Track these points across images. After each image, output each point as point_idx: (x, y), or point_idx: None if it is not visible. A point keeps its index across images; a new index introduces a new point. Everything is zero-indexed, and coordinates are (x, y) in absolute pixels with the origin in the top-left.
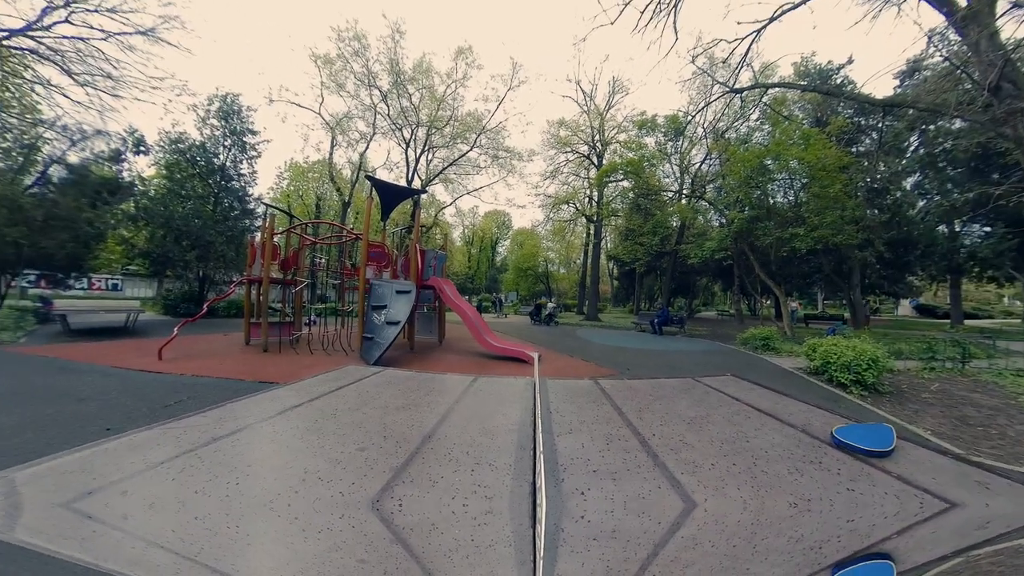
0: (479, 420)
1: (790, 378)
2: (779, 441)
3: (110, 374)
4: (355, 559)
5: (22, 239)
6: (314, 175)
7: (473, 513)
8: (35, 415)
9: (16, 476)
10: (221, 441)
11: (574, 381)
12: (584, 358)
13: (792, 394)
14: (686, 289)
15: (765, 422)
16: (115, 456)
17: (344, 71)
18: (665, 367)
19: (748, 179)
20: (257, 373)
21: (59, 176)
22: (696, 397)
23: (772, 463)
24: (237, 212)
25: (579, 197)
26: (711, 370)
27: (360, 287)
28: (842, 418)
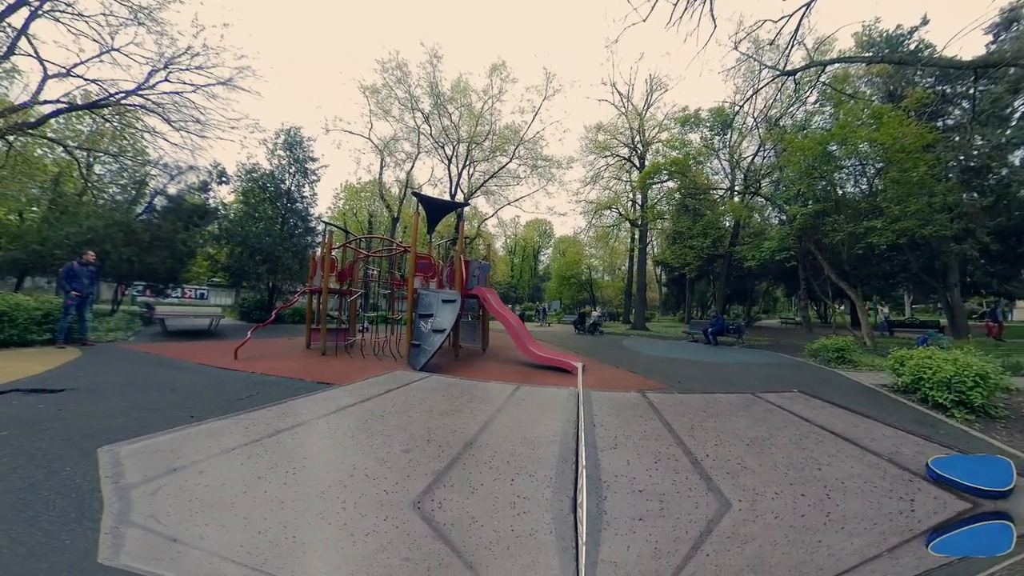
0: (520, 429)
1: (872, 397)
2: (859, 471)
3: (196, 370)
4: (400, 557)
5: (133, 256)
6: (366, 194)
7: (512, 526)
8: (138, 400)
9: (121, 450)
10: (282, 434)
11: (620, 393)
12: (631, 369)
13: (875, 416)
14: (743, 295)
15: (841, 447)
16: (196, 440)
17: (389, 98)
18: (721, 381)
19: (810, 169)
20: (315, 374)
21: (161, 205)
22: (757, 415)
23: (850, 497)
24: (300, 230)
25: (621, 201)
26: (774, 385)
27: (408, 296)
28: (941, 447)
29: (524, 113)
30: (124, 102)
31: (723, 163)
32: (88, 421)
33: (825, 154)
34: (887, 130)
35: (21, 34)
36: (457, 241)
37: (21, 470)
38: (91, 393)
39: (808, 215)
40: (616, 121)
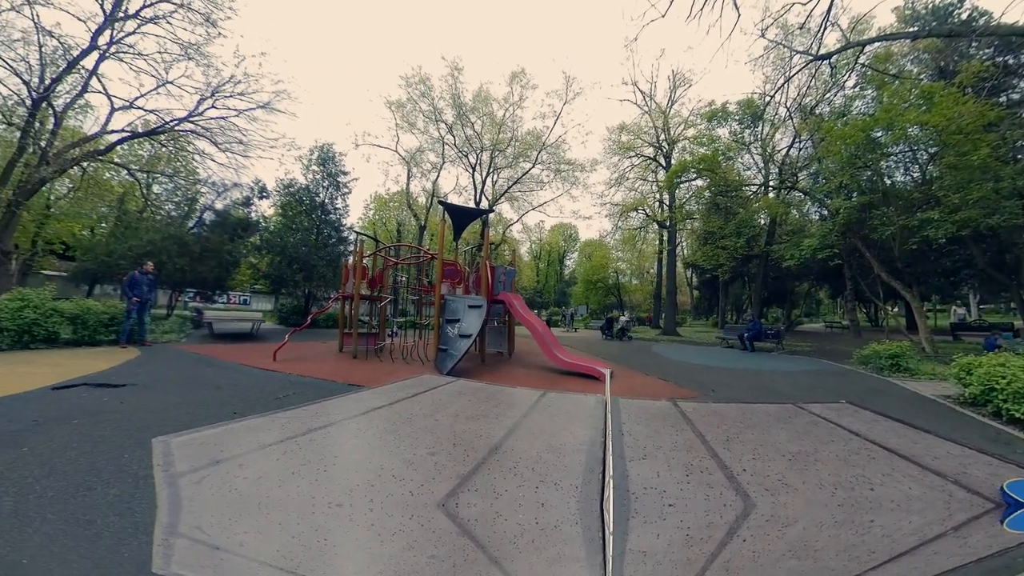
0: (546, 436)
1: (934, 409)
2: (918, 493)
3: (238, 370)
4: (426, 555)
5: (186, 266)
6: (394, 204)
7: (537, 533)
8: (188, 396)
9: (172, 440)
10: (315, 432)
11: (650, 402)
12: (661, 376)
13: (937, 431)
14: (781, 297)
15: (897, 466)
16: (237, 435)
17: (414, 112)
18: (759, 389)
19: (852, 159)
20: (347, 376)
21: (210, 219)
22: (799, 428)
23: (908, 521)
24: (334, 240)
25: (648, 202)
26: (819, 395)
27: (436, 302)
28: (1018, 468)
29: (545, 118)
30: (178, 128)
31: (755, 157)
32: (144, 414)
33: (869, 141)
34: (940, 110)
35: (92, 74)
36: (482, 247)
37: (87, 456)
38: (148, 388)
39: (853, 208)
40: (639, 120)
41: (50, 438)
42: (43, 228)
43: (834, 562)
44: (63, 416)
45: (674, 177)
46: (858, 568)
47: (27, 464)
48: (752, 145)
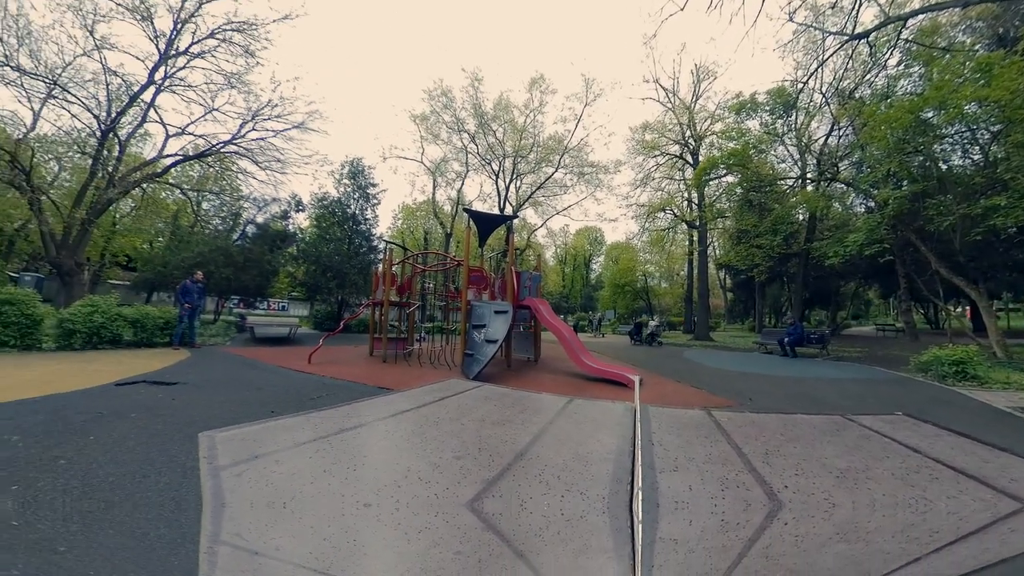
0: (573, 444)
1: (1009, 423)
2: (989, 518)
3: (277, 371)
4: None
5: (231, 275)
6: (421, 213)
7: (562, 545)
8: (231, 395)
9: (216, 435)
10: (346, 433)
11: (682, 411)
12: (694, 384)
13: (1014, 448)
14: (825, 298)
15: (964, 487)
16: (274, 432)
17: (437, 123)
18: (801, 399)
19: (900, 143)
20: (377, 380)
21: (252, 232)
22: (849, 442)
23: (982, 550)
24: (364, 249)
25: (676, 202)
26: (871, 406)
27: (462, 308)
28: None
29: (566, 122)
30: (223, 150)
31: (789, 149)
32: (193, 410)
33: (919, 123)
34: (1001, 83)
35: (150, 106)
36: (507, 253)
37: (143, 446)
38: (196, 387)
39: (903, 198)
40: (663, 118)
41: (112, 429)
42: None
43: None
44: (123, 409)
45: (702, 174)
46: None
47: (92, 451)
48: (786, 136)
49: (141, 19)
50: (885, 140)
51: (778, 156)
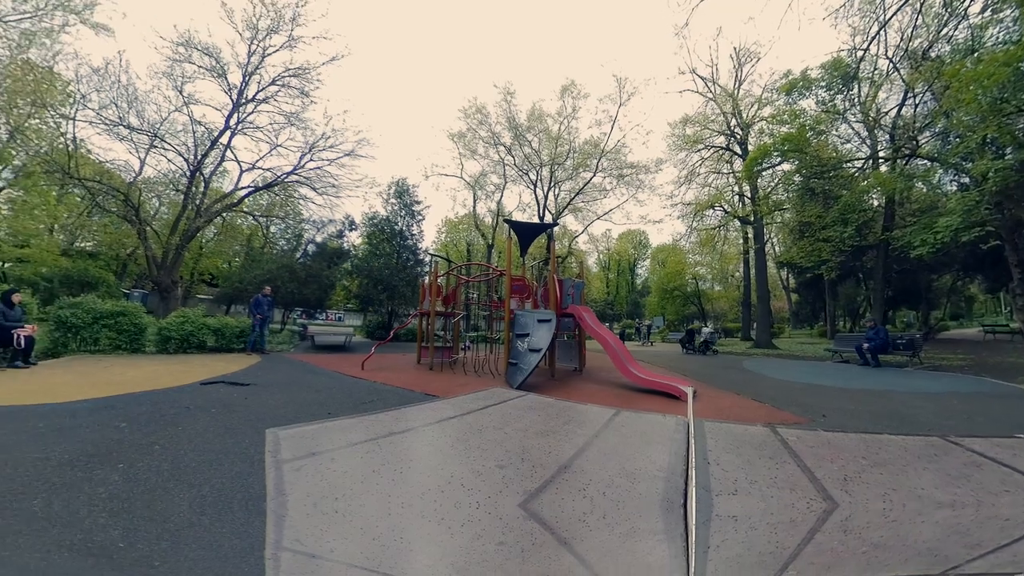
0: (620, 459)
1: None
2: None
3: (333, 376)
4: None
5: (295, 289)
6: (463, 226)
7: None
8: (294, 397)
9: (280, 432)
10: (394, 436)
11: (741, 427)
12: (754, 397)
13: None
14: (913, 296)
15: None
16: (330, 432)
17: (474, 140)
18: (888, 416)
19: (997, 104)
20: (423, 387)
21: (312, 250)
22: (952, 470)
23: None
24: (411, 262)
25: (725, 197)
26: (981, 426)
27: (505, 317)
28: None
29: (601, 125)
30: (287, 180)
31: (854, 127)
32: (261, 408)
33: (1018, 77)
34: None
35: (227, 147)
36: (549, 261)
37: (220, 438)
38: (265, 388)
39: (1007, 169)
40: (704, 109)
41: (196, 421)
42: (198, 263)
43: None
44: (206, 405)
45: (753, 165)
46: None
47: (180, 440)
48: (848, 112)
49: (217, 76)
50: (976, 102)
51: (841, 136)
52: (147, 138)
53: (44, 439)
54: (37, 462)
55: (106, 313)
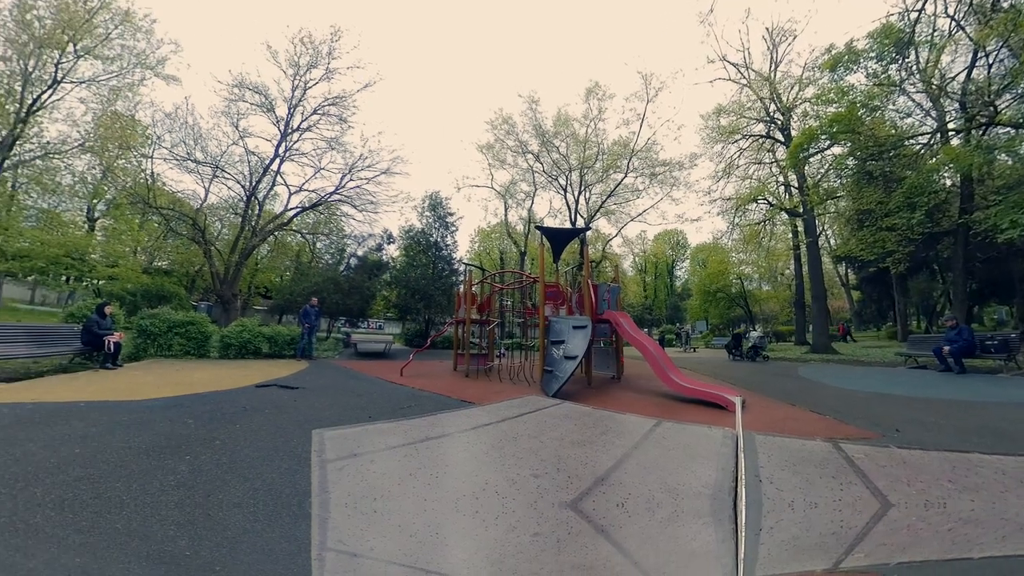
0: (661, 473)
1: None
2: None
3: (374, 382)
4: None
5: (339, 300)
6: (495, 235)
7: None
8: (338, 400)
9: (325, 433)
10: (430, 441)
11: (798, 441)
12: (813, 408)
13: None
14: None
15: None
16: (370, 435)
17: (502, 150)
18: (979, 432)
19: None
20: (459, 393)
21: (354, 263)
22: None
23: None
24: (446, 272)
25: (769, 189)
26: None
27: (540, 324)
28: None
29: (629, 124)
30: (330, 200)
31: (915, 98)
32: (308, 410)
33: None
34: None
35: (277, 174)
36: (583, 266)
37: (271, 437)
38: (312, 392)
39: None
40: (738, 97)
41: (251, 420)
42: (254, 277)
43: None
44: (260, 406)
45: (798, 151)
46: None
47: (238, 437)
48: (906, 83)
49: (267, 111)
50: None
51: (899, 110)
52: (210, 169)
53: (127, 430)
54: (121, 450)
55: (178, 323)
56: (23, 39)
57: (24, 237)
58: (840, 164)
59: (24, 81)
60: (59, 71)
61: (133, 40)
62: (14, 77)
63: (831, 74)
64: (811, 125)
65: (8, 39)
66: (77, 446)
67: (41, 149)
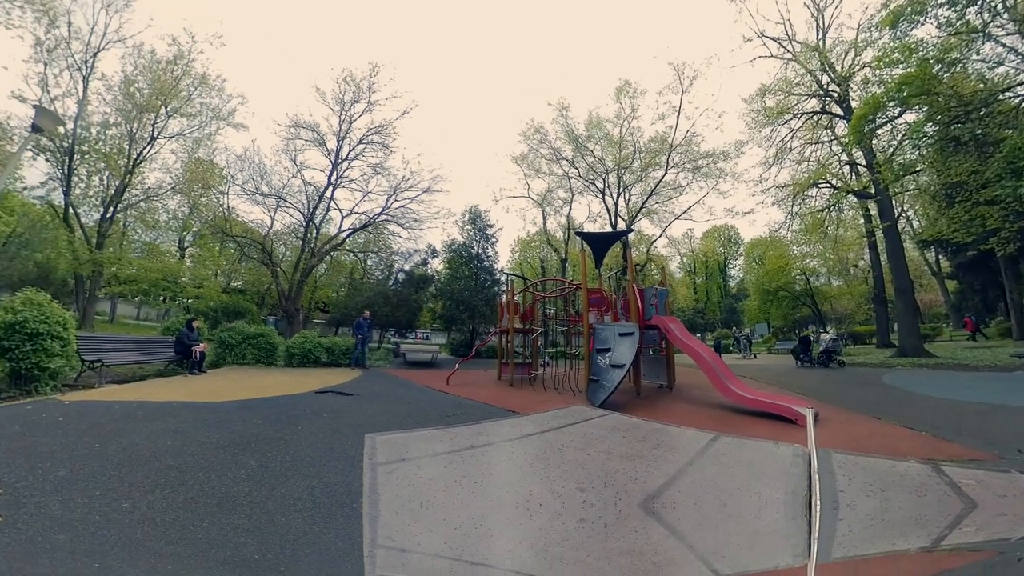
0: (719, 493)
1: None
2: None
3: (421, 390)
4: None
5: (389, 312)
6: (535, 244)
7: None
8: (388, 407)
9: (377, 438)
10: (476, 449)
11: (886, 462)
12: (904, 423)
13: None
14: None
15: None
16: (417, 441)
17: (536, 159)
18: None
19: None
20: (504, 402)
21: (401, 278)
22: None
23: None
24: (488, 283)
25: (831, 170)
26: None
27: (584, 332)
28: None
29: (665, 118)
30: (378, 220)
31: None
32: (361, 416)
33: None
34: None
35: (330, 200)
36: (626, 270)
37: (327, 439)
38: (365, 398)
39: None
40: (783, 73)
41: (311, 423)
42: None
43: None
44: (319, 410)
45: (862, 124)
46: None
47: (299, 438)
48: (991, 26)
49: (319, 145)
50: None
51: (986, 59)
52: (274, 200)
53: (209, 428)
54: (203, 444)
55: (251, 335)
56: (128, 107)
57: (132, 265)
58: (917, 132)
59: (130, 140)
60: (155, 129)
61: (208, 97)
62: (123, 138)
63: (892, 31)
64: (875, 93)
65: (119, 109)
66: (170, 439)
67: (143, 194)
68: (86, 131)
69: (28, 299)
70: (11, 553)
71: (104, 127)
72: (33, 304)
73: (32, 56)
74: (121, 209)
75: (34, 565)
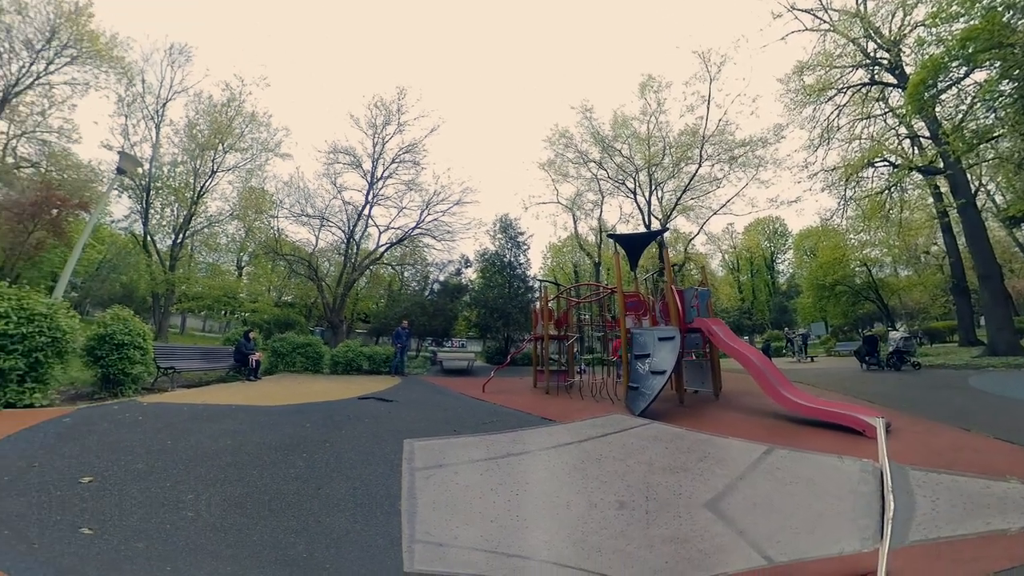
0: (776, 514)
1: None
2: None
3: (458, 397)
4: None
5: (426, 322)
6: (566, 249)
7: None
8: (426, 414)
9: (415, 443)
10: (511, 457)
11: (976, 481)
12: (998, 434)
13: None
14: None
15: None
16: (453, 448)
17: (564, 164)
18: None
19: None
20: (540, 410)
21: (437, 288)
22: None
23: None
24: (522, 290)
25: (888, 146)
26: None
27: (622, 337)
28: None
29: (695, 109)
30: (413, 234)
31: None
32: (401, 422)
33: None
34: None
35: (368, 217)
36: (663, 271)
37: (369, 443)
38: (404, 405)
39: None
40: (822, 46)
41: (355, 427)
42: (356, 305)
43: None
44: (361, 415)
45: (922, 90)
46: None
47: (343, 440)
48: None
49: (355, 167)
50: None
51: None
52: (318, 220)
53: (263, 429)
54: (258, 444)
55: (300, 344)
56: (192, 147)
57: (198, 284)
58: (990, 92)
59: (194, 176)
60: (214, 164)
61: (258, 132)
62: (189, 174)
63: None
64: (933, 54)
65: (184, 149)
66: (229, 439)
67: (207, 221)
68: (159, 170)
69: (116, 315)
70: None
71: (174, 165)
72: (120, 319)
73: (115, 111)
74: (189, 235)
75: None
